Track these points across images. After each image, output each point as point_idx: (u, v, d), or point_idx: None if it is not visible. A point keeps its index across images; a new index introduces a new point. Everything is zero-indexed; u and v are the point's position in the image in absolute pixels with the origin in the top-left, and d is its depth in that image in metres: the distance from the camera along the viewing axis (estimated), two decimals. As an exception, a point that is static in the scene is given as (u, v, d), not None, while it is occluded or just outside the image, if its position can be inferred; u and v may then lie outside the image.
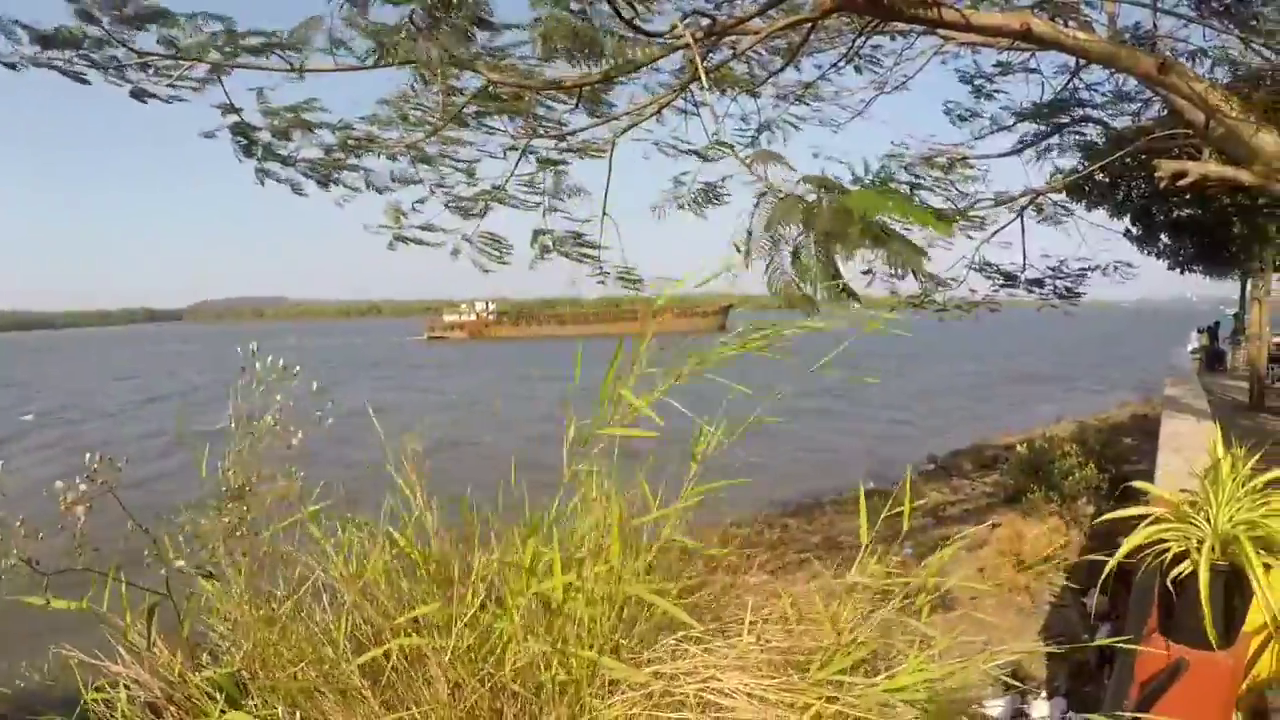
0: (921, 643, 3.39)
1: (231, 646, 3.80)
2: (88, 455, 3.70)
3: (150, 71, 6.84)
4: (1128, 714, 4.34)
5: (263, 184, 8.42)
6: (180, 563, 3.84)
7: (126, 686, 3.49)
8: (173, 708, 3.48)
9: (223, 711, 3.31)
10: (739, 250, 5.24)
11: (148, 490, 15.60)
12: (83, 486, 3.61)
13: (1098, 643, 4.56)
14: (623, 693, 3.09)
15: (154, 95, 7.05)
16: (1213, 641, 4.37)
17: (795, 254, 4.84)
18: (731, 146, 7.19)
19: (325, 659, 3.50)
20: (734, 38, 7.19)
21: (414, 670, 3.40)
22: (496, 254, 9.01)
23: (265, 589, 3.93)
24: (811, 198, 4.74)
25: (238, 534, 3.94)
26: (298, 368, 4.21)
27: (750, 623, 3.46)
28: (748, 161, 5.44)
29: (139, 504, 3.91)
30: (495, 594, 3.47)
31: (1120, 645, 4.56)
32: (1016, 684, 7.84)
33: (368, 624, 3.69)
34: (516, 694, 3.26)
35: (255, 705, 3.48)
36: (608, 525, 3.61)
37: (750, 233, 4.96)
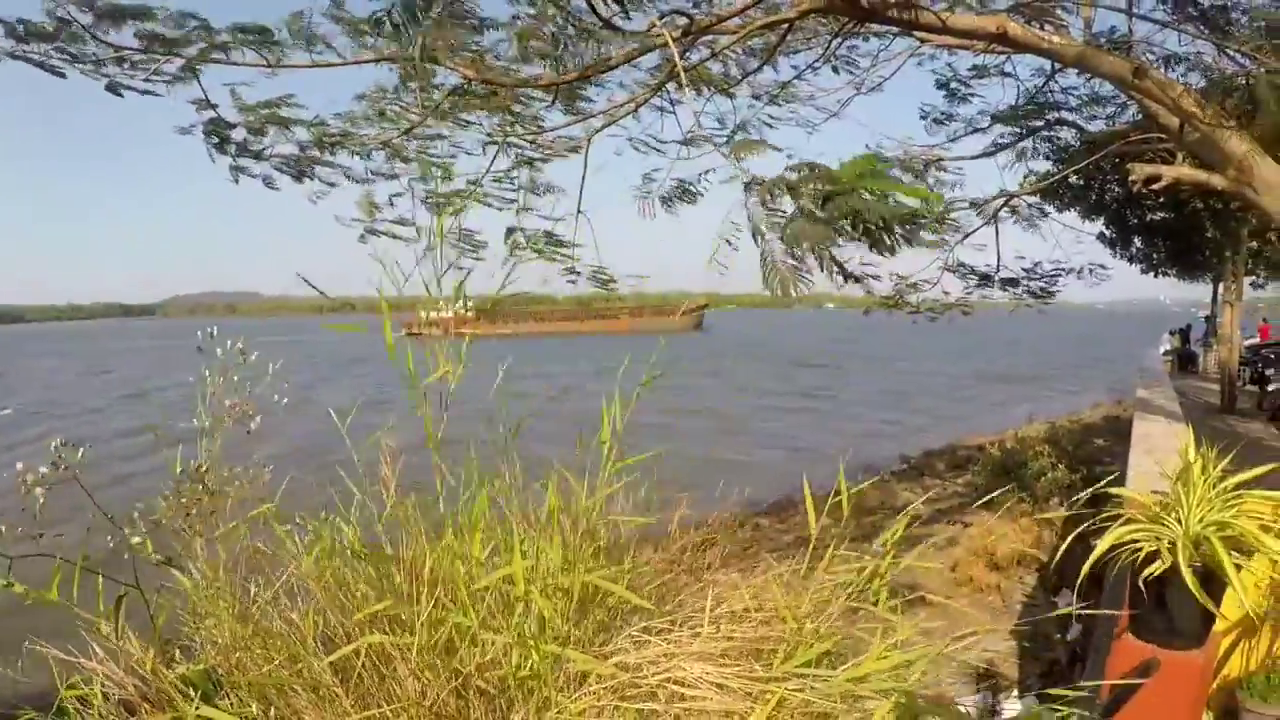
0: (885, 632, 3.40)
1: (205, 642, 3.79)
2: (52, 443, 3.67)
3: (126, 66, 6.81)
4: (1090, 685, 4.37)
5: (237, 182, 8.39)
6: (136, 539, 3.81)
7: (102, 684, 3.46)
8: (146, 704, 3.46)
9: (197, 708, 3.28)
10: (729, 244, 5.24)
11: (130, 487, 15.48)
12: (44, 470, 3.59)
13: (1062, 612, 4.57)
14: (589, 686, 3.09)
15: (130, 89, 7.02)
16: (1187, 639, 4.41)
17: (786, 228, 4.83)
18: (711, 139, 7.21)
19: (298, 656, 3.49)
20: (711, 37, 7.20)
21: (384, 668, 3.39)
22: (471, 251, 8.99)
23: (239, 584, 3.91)
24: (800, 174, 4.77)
25: (193, 513, 3.92)
26: (249, 354, 4.21)
27: (712, 614, 3.46)
28: (732, 153, 5.45)
29: (127, 498, 3.90)
30: (451, 590, 3.46)
31: (1091, 644, 4.60)
32: (989, 669, 7.89)
33: (339, 623, 3.68)
34: (483, 690, 3.25)
35: (229, 703, 3.46)
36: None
37: (749, 218, 4.95)
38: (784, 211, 4.83)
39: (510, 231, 9.15)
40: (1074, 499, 13.87)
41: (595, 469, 3.97)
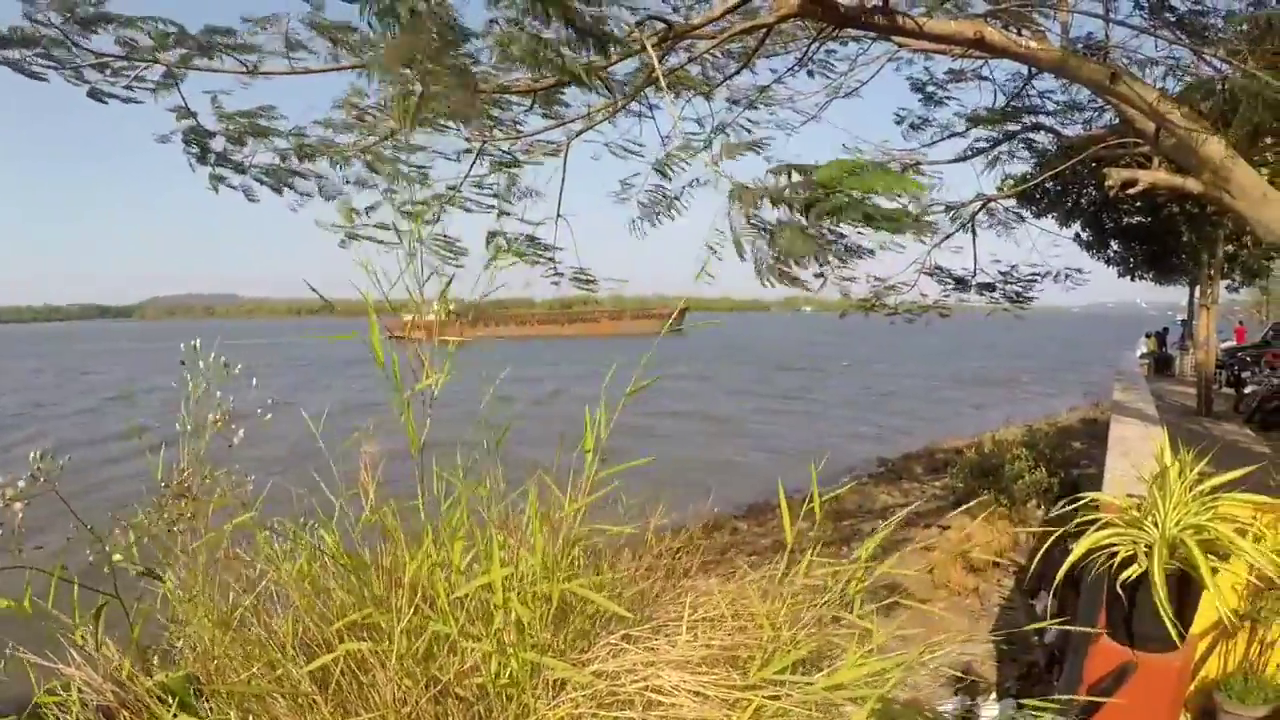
0: (862, 638, 3.40)
1: (185, 649, 3.77)
2: (32, 455, 3.65)
3: (107, 72, 6.77)
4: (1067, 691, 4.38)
5: (216, 191, 8.33)
6: (118, 557, 3.79)
7: (80, 690, 3.44)
8: (125, 711, 3.44)
9: (174, 715, 3.26)
10: (713, 251, 5.25)
11: (113, 491, 15.35)
12: (21, 483, 3.57)
13: (1041, 625, 4.58)
14: (567, 694, 3.08)
15: (112, 95, 6.99)
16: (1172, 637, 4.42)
17: (772, 237, 4.83)
18: (692, 146, 7.21)
19: (276, 663, 3.47)
20: (689, 41, 7.20)
21: (362, 675, 3.37)
22: (451, 257, 8.96)
23: (219, 591, 3.89)
24: (782, 180, 4.76)
25: (176, 529, 3.91)
26: (230, 362, 4.20)
27: (689, 621, 3.45)
28: (716, 159, 5.45)
29: (109, 502, 3.88)
30: (429, 597, 3.44)
31: (1069, 646, 4.61)
32: (967, 672, 7.91)
33: (319, 630, 3.66)
34: (462, 697, 3.24)
35: (208, 709, 3.44)
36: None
37: (732, 228, 4.95)
38: (766, 221, 4.84)
39: (492, 236, 9.14)
40: (1051, 502, 13.96)
41: (579, 473, 3.96)
